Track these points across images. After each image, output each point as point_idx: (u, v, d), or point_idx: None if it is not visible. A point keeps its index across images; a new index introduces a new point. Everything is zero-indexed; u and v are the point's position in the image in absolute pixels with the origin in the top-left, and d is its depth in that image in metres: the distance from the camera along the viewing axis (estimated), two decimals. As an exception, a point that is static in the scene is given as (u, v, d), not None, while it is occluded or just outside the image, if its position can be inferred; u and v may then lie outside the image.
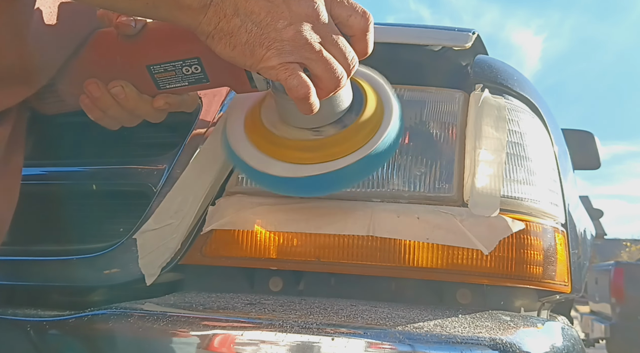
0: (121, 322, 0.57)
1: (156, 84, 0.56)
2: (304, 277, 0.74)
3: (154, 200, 0.70)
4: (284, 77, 0.49)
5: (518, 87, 0.77)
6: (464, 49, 0.75)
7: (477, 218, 0.66)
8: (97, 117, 0.59)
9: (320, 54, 0.49)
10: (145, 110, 0.59)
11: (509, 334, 0.55)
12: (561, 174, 0.79)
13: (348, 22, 0.51)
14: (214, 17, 0.47)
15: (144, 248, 0.68)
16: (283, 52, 0.48)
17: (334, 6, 0.50)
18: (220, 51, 0.49)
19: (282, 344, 0.52)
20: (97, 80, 0.56)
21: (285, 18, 0.48)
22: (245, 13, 0.47)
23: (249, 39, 0.48)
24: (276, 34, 0.48)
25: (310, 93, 0.50)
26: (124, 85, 0.56)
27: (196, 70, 0.55)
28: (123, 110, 0.58)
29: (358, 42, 0.53)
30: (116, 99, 0.57)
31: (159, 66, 0.55)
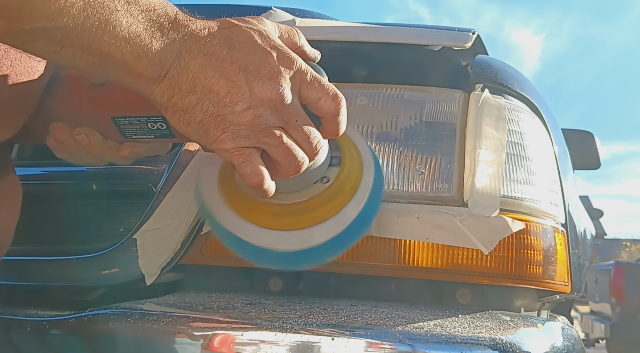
0: (121, 322, 0.57)
1: (122, 133, 0.55)
2: (304, 277, 0.74)
3: (154, 200, 0.70)
4: (237, 162, 0.47)
5: (518, 87, 0.77)
6: (464, 48, 0.75)
7: (477, 218, 0.66)
8: (63, 157, 0.58)
9: (280, 140, 0.47)
10: (111, 157, 0.57)
11: (509, 334, 0.55)
12: (561, 173, 0.79)
13: (318, 104, 0.48)
14: (168, 90, 0.44)
15: (144, 248, 0.68)
16: (239, 136, 0.46)
17: (303, 88, 0.48)
18: (174, 124, 0.46)
19: (282, 344, 0.52)
20: (62, 125, 0.55)
21: (245, 101, 0.45)
22: (202, 91, 0.44)
23: (203, 118, 0.45)
24: (233, 117, 0.45)
25: (263, 181, 0.47)
26: (88, 132, 0.55)
27: (161, 126, 0.53)
28: (88, 155, 0.57)
29: (328, 124, 0.50)
30: (80, 145, 0.55)
31: (124, 119, 0.53)
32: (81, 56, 0.41)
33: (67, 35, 0.39)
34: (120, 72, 0.43)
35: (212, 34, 0.45)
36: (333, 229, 0.56)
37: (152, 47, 0.42)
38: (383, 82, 0.73)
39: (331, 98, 0.48)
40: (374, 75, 0.80)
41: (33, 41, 0.39)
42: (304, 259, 0.57)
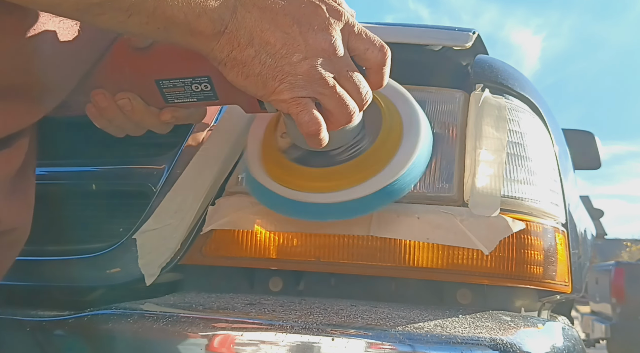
0: (121, 322, 0.57)
1: (164, 97, 0.55)
2: (304, 277, 0.74)
3: (154, 200, 0.70)
4: (295, 112, 0.48)
5: (518, 87, 0.77)
6: (464, 48, 0.75)
7: (478, 218, 0.66)
8: (102, 125, 0.59)
9: (334, 90, 0.48)
10: (152, 123, 0.58)
11: (509, 334, 0.55)
12: (562, 173, 0.79)
13: (365, 55, 0.50)
14: (227, 45, 0.46)
15: (144, 248, 0.68)
16: (296, 86, 0.47)
17: (351, 39, 0.49)
18: (232, 79, 0.48)
19: (282, 344, 0.52)
20: (104, 91, 0.56)
21: (301, 51, 0.46)
22: (260, 43, 0.46)
23: (262, 70, 0.46)
24: (290, 67, 0.46)
25: (320, 129, 0.49)
26: (131, 97, 0.55)
27: (206, 88, 0.54)
28: (129, 121, 0.58)
29: (374, 75, 0.52)
30: (122, 111, 0.56)
31: (167, 81, 0.54)
32: (147, 22, 0.42)
33: (134, 3, 0.40)
34: (183, 34, 0.44)
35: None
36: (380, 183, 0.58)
37: (210, 4, 0.43)
38: (383, 82, 0.73)
39: (378, 48, 0.50)
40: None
41: (102, 13, 0.41)
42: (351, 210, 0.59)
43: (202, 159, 0.70)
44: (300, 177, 0.60)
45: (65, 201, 0.77)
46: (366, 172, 0.59)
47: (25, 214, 0.54)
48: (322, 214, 0.60)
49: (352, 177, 0.59)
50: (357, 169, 0.59)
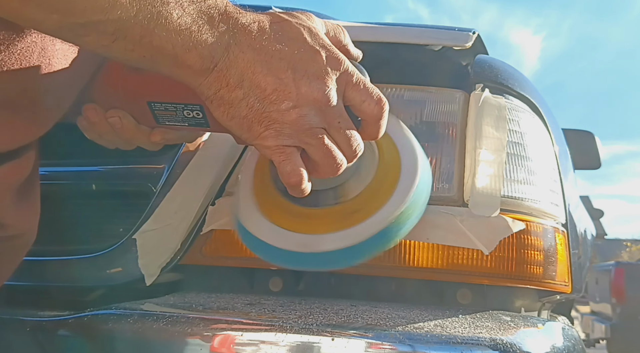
0: (121, 322, 0.57)
1: (155, 118, 0.55)
2: (304, 277, 0.74)
3: (154, 200, 0.70)
4: (277, 160, 0.47)
5: (518, 87, 0.77)
6: (464, 48, 0.75)
7: (478, 218, 0.66)
8: (93, 138, 0.58)
9: (321, 141, 0.46)
10: (142, 141, 0.58)
11: (509, 334, 0.55)
12: (562, 173, 0.79)
13: (361, 107, 0.48)
14: (215, 83, 0.44)
15: (144, 248, 0.68)
16: (281, 134, 0.45)
17: (348, 89, 0.47)
18: (217, 117, 0.46)
19: (282, 344, 0.52)
20: (96, 106, 0.55)
21: (292, 99, 0.44)
22: (249, 86, 0.44)
23: (248, 114, 0.44)
24: (278, 114, 0.44)
25: (302, 181, 0.47)
26: (121, 116, 0.55)
27: (197, 115, 0.53)
28: (119, 138, 0.57)
29: (369, 127, 0.50)
30: (113, 128, 0.56)
31: (160, 104, 0.53)
32: (132, 49, 0.41)
33: (119, 28, 0.39)
34: (169, 65, 0.43)
35: (261, 29, 0.44)
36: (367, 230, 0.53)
37: (202, 39, 0.42)
38: (383, 82, 0.73)
39: (375, 101, 0.48)
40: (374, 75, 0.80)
41: (86, 35, 0.39)
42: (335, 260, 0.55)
43: (202, 159, 0.70)
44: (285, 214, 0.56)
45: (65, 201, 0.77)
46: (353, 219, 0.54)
47: (32, 219, 0.54)
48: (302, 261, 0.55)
49: (337, 222, 0.54)
50: (343, 214, 0.55)
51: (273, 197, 0.57)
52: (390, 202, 0.54)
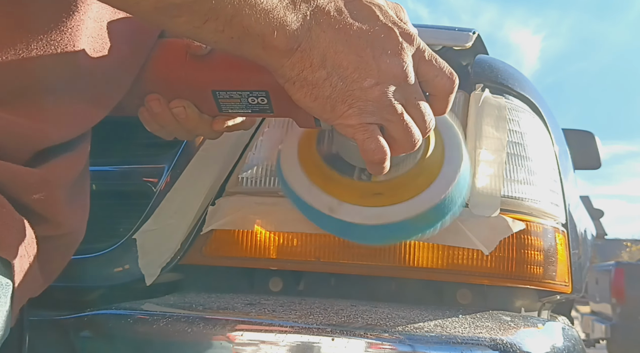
0: (121, 322, 0.57)
1: (219, 107, 0.54)
2: (304, 277, 0.74)
3: (154, 200, 0.70)
4: (361, 138, 0.47)
5: (518, 87, 0.77)
6: (465, 48, 0.75)
7: (478, 219, 0.66)
8: (154, 129, 0.58)
9: (402, 117, 0.47)
10: (203, 130, 0.57)
11: (509, 334, 0.55)
12: (562, 173, 0.79)
13: (434, 82, 0.48)
14: (299, 63, 0.44)
15: (144, 248, 0.68)
16: (365, 112, 0.46)
17: (421, 64, 0.48)
18: (299, 98, 0.46)
19: (282, 344, 0.52)
20: (159, 97, 0.54)
21: (373, 76, 0.45)
22: (332, 66, 0.44)
23: (332, 93, 0.45)
24: (361, 92, 0.45)
25: (385, 158, 0.48)
26: (186, 105, 0.54)
27: (262, 101, 0.53)
28: (181, 128, 0.57)
29: (438, 102, 0.50)
30: (176, 118, 0.55)
31: (224, 93, 0.53)
32: (222, 31, 0.41)
33: (213, 8, 0.39)
34: (255, 46, 0.43)
35: (338, 9, 0.45)
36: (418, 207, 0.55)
37: (287, 19, 0.42)
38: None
39: (447, 76, 0.49)
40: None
41: (179, 16, 0.40)
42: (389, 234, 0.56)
43: (202, 159, 0.70)
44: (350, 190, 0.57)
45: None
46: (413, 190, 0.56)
47: (83, 217, 0.53)
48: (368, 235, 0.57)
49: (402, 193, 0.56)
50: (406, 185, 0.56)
51: (325, 172, 0.58)
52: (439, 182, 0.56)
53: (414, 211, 0.55)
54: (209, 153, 0.70)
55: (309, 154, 0.59)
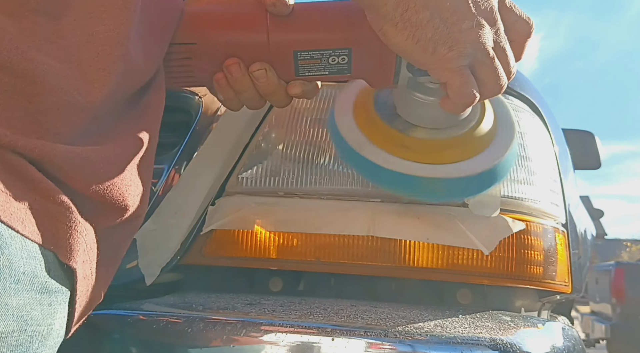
0: (121, 322, 0.57)
1: (297, 70, 0.53)
2: (304, 277, 0.74)
3: (154, 200, 0.70)
4: (458, 83, 0.47)
5: (518, 87, 0.77)
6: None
7: (478, 219, 0.66)
8: (228, 97, 0.55)
9: (493, 60, 0.48)
10: (278, 96, 0.56)
11: (509, 334, 0.55)
12: (562, 173, 0.79)
13: (514, 27, 0.50)
14: (402, 3, 0.45)
15: (144, 248, 0.68)
16: (463, 54, 0.46)
17: (502, 10, 0.49)
18: (398, 41, 0.46)
19: (282, 344, 0.52)
20: (239, 61, 0.52)
21: (471, 19, 0.46)
22: (435, 7, 0.45)
23: (434, 35, 0.45)
24: (461, 34, 0.46)
25: (475, 101, 0.49)
26: (267, 68, 0.53)
27: (342, 60, 0.52)
28: (257, 94, 0.55)
29: (516, 46, 0.51)
30: (255, 82, 0.53)
31: (306, 53, 0.52)
32: None
33: None
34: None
35: None
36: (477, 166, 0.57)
37: None
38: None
39: (525, 21, 0.50)
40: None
41: None
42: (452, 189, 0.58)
43: (202, 159, 0.70)
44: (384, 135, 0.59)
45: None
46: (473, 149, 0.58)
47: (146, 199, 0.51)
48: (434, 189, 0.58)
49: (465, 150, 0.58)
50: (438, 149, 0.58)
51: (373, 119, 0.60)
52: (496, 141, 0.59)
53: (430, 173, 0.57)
54: (209, 153, 0.71)
55: (364, 104, 0.61)
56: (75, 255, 0.38)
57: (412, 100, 0.55)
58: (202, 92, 0.75)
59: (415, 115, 0.58)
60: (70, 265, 0.38)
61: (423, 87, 0.54)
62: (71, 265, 0.38)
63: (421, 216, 0.66)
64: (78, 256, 0.38)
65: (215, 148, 0.70)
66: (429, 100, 0.54)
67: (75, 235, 0.38)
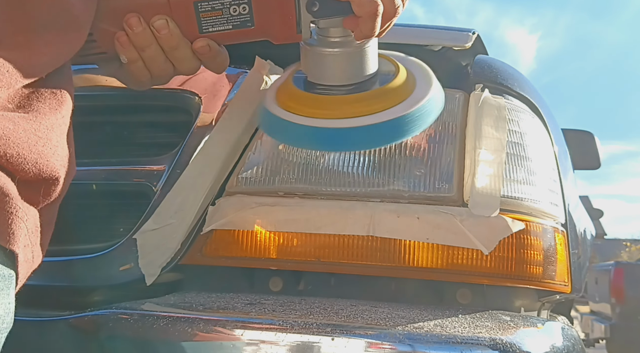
0: (121, 322, 0.57)
1: (199, 25, 0.54)
2: (304, 277, 0.74)
3: (154, 200, 0.70)
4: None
5: (518, 87, 0.77)
6: (464, 49, 0.75)
7: (477, 218, 0.66)
8: (131, 57, 0.55)
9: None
10: (183, 54, 0.55)
11: (509, 334, 0.55)
12: (561, 173, 0.79)
13: None
14: None
15: (144, 248, 0.68)
16: None
17: None
18: None
19: (282, 344, 0.52)
20: (139, 15, 0.52)
21: None
22: None
23: None
24: None
25: (379, 10, 0.51)
26: (168, 19, 0.53)
27: (244, 10, 0.54)
28: (161, 51, 0.55)
29: None
30: (157, 35, 0.53)
31: (207, 3, 0.53)
32: None
33: None
34: None
35: None
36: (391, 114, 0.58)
37: None
38: (383, 82, 0.73)
39: None
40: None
41: None
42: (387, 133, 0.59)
43: (202, 158, 0.70)
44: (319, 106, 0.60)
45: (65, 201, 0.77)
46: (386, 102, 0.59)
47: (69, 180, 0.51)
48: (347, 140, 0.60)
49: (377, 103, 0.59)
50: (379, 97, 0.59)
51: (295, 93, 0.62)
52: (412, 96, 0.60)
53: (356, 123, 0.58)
54: (209, 153, 0.71)
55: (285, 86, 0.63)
56: (17, 240, 0.39)
57: (319, 56, 0.58)
58: (202, 92, 0.75)
59: (324, 74, 0.60)
60: (13, 249, 0.39)
61: (327, 41, 0.57)
62: (14, 249, 0.39)
63: (421, 216, 0.66)
64: (20, 241, 0.39)
65: (215, 148, 0.70)
66: (334, 52, 0.57)
67: (17, 221, 0.39)
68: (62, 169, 0.46)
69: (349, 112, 0.58)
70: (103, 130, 0.82)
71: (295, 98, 0.61)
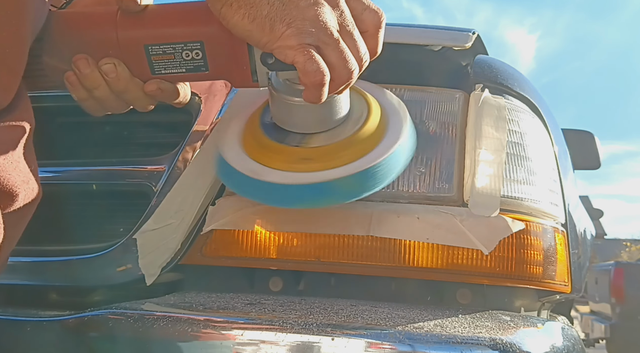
0: (121, 322, 0.57)
1: (151, 67, 0.53)
2: (304, 277, 0.74)
3: (154, 200, 0.70)
4: (302, 60, 0.47)
5: (518, 87, 0.77)
6: (464, 48, 0.75)
7: (477, 218, 0.66)
8: (81, 97, 0.55)
9: (338, 42, 0.48)
10: (134, 95, 0.55)
11: (509, 334, 0.55)
12: (561, 173, 0.79)
13: (362, 16, 0.50)
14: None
15: (144, 248, 0.68)
16: (303, 32, 0.46)
17: (349, 0, 0.49)
18: (237, 22, 0.46)
19: (282, 344, 0.52)
20: (87, 56, 0.52)
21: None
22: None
23: (270, 12, 0.46)
24: (298, 11, 0.46)
25: (325, 80, 0.48)
26: (116, 63, 0.52)
27: (197, 55, 0.52)
28: (110, 92, 0.54)
29: (370, 38, 0.51)
30: (106, 78, 0.52)
31: (157, 47, 0.52)
32: None
33: None
34: None
35: None
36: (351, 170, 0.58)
37: None
38: (383, 82, 0.73)
39: (374, 10, 0.51)
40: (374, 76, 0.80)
41: None
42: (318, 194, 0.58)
43: (202, 158, 0.71)
44: (279, 156, 0.59)
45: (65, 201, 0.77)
46: (346, 157, 0.59)
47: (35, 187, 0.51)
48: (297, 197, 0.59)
49: (331, 160, 0.58)
50: (336, 152, 0.59)
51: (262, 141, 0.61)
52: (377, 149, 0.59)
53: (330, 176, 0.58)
54: (209, 153, 0.71)
55: (252, 128, 0.62)
56: None
57: (284, 104, 0.56)
58: (202, 93, 0.75)
59: (289, 121, 0.59)
60: None
61: (292, 88, 0.55)
62: None
63: (421, 216, 0.66)
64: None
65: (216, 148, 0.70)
66: (298, 102, 0.55)
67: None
68: (24, 184, 0.47)
69: (309, 167, 0.58)
70: (103, 130, 0.82)
71: (257, 144, 0.60)
